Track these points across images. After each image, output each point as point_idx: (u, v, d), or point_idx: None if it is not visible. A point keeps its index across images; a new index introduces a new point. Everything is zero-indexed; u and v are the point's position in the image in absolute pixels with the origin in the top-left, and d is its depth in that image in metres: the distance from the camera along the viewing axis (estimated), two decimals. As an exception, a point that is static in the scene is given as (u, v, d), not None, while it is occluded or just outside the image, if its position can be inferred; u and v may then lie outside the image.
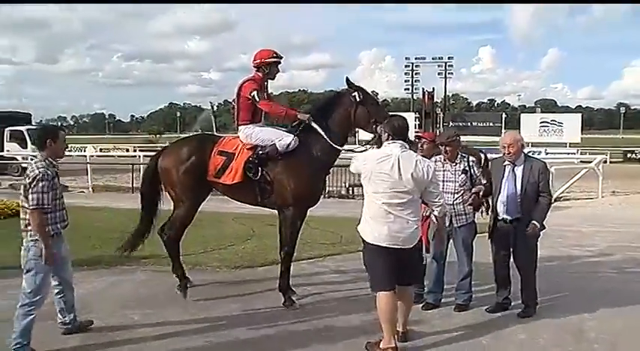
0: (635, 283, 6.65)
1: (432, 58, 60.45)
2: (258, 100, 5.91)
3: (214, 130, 77.24)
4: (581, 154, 32.19)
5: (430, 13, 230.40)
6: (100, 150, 47.21)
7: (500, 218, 5.43)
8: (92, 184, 18.44)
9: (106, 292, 6.15)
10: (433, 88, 49.17)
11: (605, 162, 19.85)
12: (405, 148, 4.49)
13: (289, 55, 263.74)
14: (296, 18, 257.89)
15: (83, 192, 17.71)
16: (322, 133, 5.79)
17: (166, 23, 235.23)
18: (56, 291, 4.86)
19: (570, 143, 38.77)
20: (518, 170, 5.35)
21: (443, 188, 5.37)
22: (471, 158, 5.65)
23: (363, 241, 4.51)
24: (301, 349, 4.73)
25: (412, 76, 60.44)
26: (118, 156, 37.32)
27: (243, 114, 6.01)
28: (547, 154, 24.46)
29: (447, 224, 5.44)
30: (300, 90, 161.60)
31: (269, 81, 6.17)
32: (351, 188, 15.65)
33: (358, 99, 5.83)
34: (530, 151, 6.11)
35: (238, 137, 6.03)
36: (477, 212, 5.63)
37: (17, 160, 25.06)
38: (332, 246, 8.21)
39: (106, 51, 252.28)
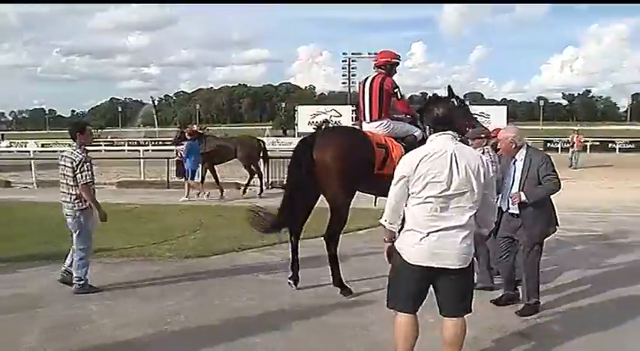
0: (580, 262, 7.13)
1: (368, 53, 61.61)
2: (400, 97, 6.23)
3: (156, 124, 75.94)
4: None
5: (366, 10, 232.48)
6: (42, 145, 45.73)
7: (504, 211, 5.32)
8: (36, 180, 18.03)
9: (62, 286, 6.12)
10: (370, 82, 50.06)
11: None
12: (457, 139, 3.75)
13: (229, 50, 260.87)
14: (235, 14, 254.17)
15: (27, 187, 17.38)
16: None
17: (105, 19, 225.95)
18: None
19: (497, 134, 40.59)
20: (519, 165, 5.21)
21: None
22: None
23: (398, 254, 3.71)
24: (253, 329, 4.89)
25: (349, 71, 61.76)
26: (61, 151, 36.17)
27: (385, 108, 6.22)
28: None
29: None
30: (239, 84, 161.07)
31: None
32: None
33: (456, 104, 6.16)
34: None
35: (365, 131, 6.21)
36: None
37: None
38: (280, 234, 8.39)
39: (44, 46, 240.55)
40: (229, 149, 14.60)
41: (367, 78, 6.50)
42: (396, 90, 6.32)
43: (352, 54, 63.49)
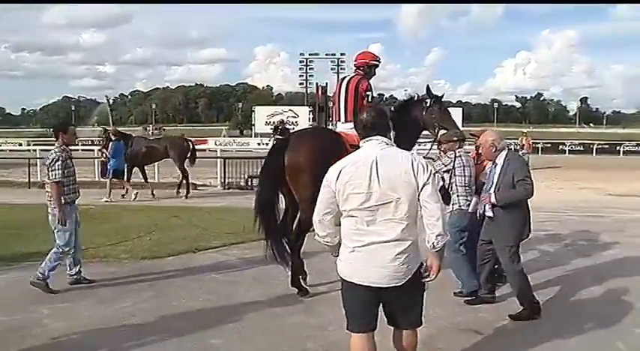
0: (536, 262, 7.14)
1: (326, 55, 62.05)
2: (370, 101, 6.19)
3: (111, 123, 74.35)
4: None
5: (324, 11, 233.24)
6: (-11, 145, 44.52)
7: (481, 214, 5.40)
8: (-18, 180, 17.41)
9: (12, 289, 5.99)
10: (326, 83, 49.94)
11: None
12: (387, 144, 3.38)
13: (185, 49, 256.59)
14: (191, 13, 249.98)
15: (-27, 188, 16.77)
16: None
17: (58, 15, 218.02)
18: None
19: (452, 136, 41.33)
20: (497, 169, 5.23)
21: None
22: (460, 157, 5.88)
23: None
24: (211, 329, 4.91)
25: (306, 71, 61.94)
26: (10, 150, 35.44)
27: (360, 109, 5.99)
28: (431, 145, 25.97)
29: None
30: (196, 84, 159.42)
31: None
32: (249, 180, 15.73)
33: (428, 104, 6.20)
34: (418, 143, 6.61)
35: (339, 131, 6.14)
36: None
37: None
38: (236, 235, 8.43)
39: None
40: (157, 150, 14.74)
41: (344, 78, 6.47)
42: (368, 93, 6.29)
43: (310, 55, 63.63)
